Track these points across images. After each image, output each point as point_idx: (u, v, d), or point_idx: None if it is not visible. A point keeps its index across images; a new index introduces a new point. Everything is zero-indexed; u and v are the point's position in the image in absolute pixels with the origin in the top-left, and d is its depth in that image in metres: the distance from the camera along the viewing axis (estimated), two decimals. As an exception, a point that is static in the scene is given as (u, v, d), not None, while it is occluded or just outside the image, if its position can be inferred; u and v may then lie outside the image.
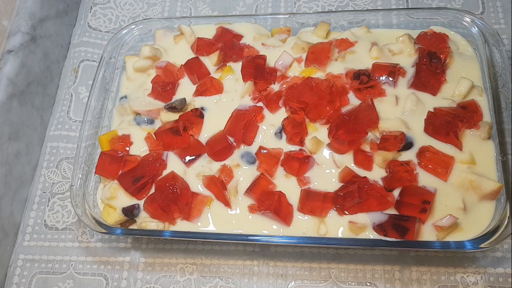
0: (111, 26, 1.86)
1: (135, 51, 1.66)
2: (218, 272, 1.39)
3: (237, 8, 1.81)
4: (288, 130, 1.37)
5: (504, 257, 1.31)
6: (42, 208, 1.55)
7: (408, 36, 1.45)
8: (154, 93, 1.53)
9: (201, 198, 1.34)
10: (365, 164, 1.30)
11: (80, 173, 1.40)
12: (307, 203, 1.27)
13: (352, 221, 1.25)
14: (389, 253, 1.35)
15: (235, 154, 1.40)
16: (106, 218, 1.36)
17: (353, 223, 1.24)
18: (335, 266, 1.36)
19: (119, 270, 1.43)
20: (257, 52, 1.55)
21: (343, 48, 1.51)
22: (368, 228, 1.24)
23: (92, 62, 1.78)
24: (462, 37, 1.49)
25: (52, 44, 1.76)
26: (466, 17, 1.46)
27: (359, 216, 1.25)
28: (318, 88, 1.35)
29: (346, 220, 1.26)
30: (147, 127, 1.49)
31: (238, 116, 1.41)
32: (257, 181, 1.33)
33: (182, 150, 1.41)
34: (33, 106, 1.63)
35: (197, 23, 1.65)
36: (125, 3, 1.90)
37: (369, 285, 1.33)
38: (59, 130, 1.67)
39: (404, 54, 1.46)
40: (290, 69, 1.50)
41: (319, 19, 1.57)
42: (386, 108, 1.38)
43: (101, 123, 1.51)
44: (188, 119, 1.44)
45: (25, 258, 1.48)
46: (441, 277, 1.31)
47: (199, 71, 1.53)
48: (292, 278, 1.36)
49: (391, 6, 1.73)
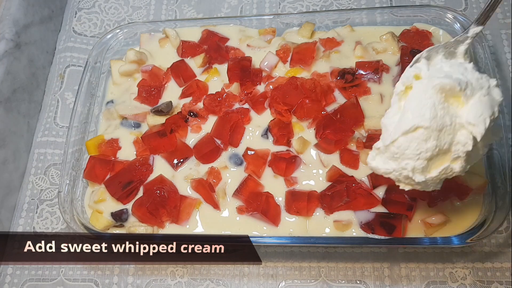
0: (96, 31, 1.85)
1: (120, 55, 1.65)
2: (208, 275, 1.39)
3: (222, 10, 1.81)
4: (274, 132, 1.38)
5: (492, 252, 1.32)
6: (31, 215, 1.55)
7: (392, 34, 1.46)
8: (140, 97, 1.53)
9: (189, 201, 1.35)
10: (352, 163, 1.31)
11: (67, 179, 1.40)
12: (293, 204, 1.28)
13: (337, 219, 1.26)
14: (378, 251, 1.36)
15: (223, 156, 1.40)
16: (95, 224, 1.35)
17: (338, 222, 1.25)
18: (324, 265, 1.36)
19: (109, 275, 1.43)
20: (243, 54, 1.55)
21: (329, 47, 1.51)
22: (353, 225, 1.25)
23: (78, 67, 1.77)
24: (445, 34, 1.49)
25: (37, 50, 1.75)
26: (448, 13, 1.47)
27: (344, 213, 1.26)
28: (303, 87, 1.36)
29: (331, 218, 1.27)
30: (134, 131, 1.49)
31: (224, 118, 1.42)
32: (245, 183, 1.33)
33: (169, 153, 1.41)
34: (19, 113, 1.62)
35: (182, 26, 1.65)
36: (110, 7, 1.90)
37: (359, 283, 1.33)
38: (46, 136, 1.66)
39: (388, 52, 1.46)
40: (275, 69, 1.50)
41: (304, 19, 1.58)
42: (372, 106, 1.39)
43: (88, 128, 1.51)
44: (175, 122, 1.44)
45: (15, 265, 1.47)
46: (430, 273, 1.32)
47: (185, 74, 1.53)
48: (283, 278, 1.36)
49: (375, 4, 1.73)
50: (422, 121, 0.91)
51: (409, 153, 0.94)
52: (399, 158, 0.96)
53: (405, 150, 0.94)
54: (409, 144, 0.94)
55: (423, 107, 0.91)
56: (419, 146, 0.93)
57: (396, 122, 0.95)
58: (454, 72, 0.95)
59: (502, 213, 1.17)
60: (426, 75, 0.96)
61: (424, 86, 0.94)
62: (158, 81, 1.55)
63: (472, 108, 0.92)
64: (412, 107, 0.93)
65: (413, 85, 0.96)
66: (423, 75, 0.96)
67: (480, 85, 0.93)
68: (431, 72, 0.96)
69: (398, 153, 0.95)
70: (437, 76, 0.93)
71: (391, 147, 0.96)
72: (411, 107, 0.94)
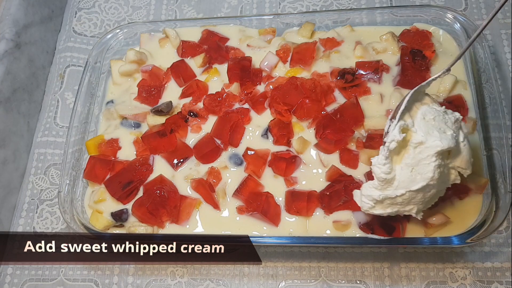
0: (96, 31, 1.85)
1: (120, 55, 1.65)
2: (208, 275, 1.39)
3: (222, 10, 1.81)
4: (274, 132, 1.38)
5: (491, 252, 1.32)
6: (31, 215, 1.55)
7: (392, 34, 1.46)
8: (140, 97, 1.53)
9: (189, 201, 1.35)
10: (351, 163, 1.31)
11: (67, 179, 1.40)
12: (293, 204, 1.28)
13: (336, 220, 1.26)
14: (378, 251, 1.36)
15: (223, 156, 1.40)
16: (95, 224, 1.35)
17: (337, 222, 1.25)
18: (324, 265, 1.36)
19: (109, 275, 1.43)
20: (243, 54, 1.55)
21: (329, 47, 1.51)
22: (353, 226, 1.25)
23: (78, 67, 1.77)
24: (445, 34, 1.49)
25: (37, 50, 1.75)
26: (448, 13, 1.47)
27: (343, 213, 1.26)
28: (303, 87, 1.36)
29: (331, 218, 1.27)
30: (134, 131, 1.49)
31: (224, 118, 1.42)
32: (245, 183, 1.33)
33: (169, 153, 1.41)
34: (19, 113, 1.62)
35: (182, 26, 1.65)
36: (110, 7, 1.90)
37: (359, 282, 1.33)
38: (46, 136, 1.66)
39: (388, 52, 1.46)
40: (275, 69, 1.50)
41: (304, 19, 1.58)
42: (372, 106, 1.39)
43: (88, 128, 1.51)
44: (175, 122, 1.44)
45: (15, 265, 1.48)
46: (430, 273, 1.32)
47: (185, 73, 1.53)
48: (283, 278, 1.36)
49: (375, 4, 1.73)
50: (431, 180, 1.05)
51: (414, 201, 1.09)
52: (402, 204, 1.10)
53: (411, 200, 1.08)
54: (416, 195, 1.07)
55: (429, 170, 1.04)
56: (424, 195, 1.08)
57: (400, 181, 1.07)
58: (439, 124, 1.08)
59: (502, 213, 1.17)
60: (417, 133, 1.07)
61: (424, 149, 1.05)
62: (158, 81, 1.55)
63: (463, 157, 1.09)
64: (419, 169, 1.06)
65: (409, 147, 1.07)
66: (413, 131, 1.08)
67: (456, 127, 1.10)
68: (420, 130, 1.07)
69: (403, 202, 1.09)
70: (432, 140, 1.04)
71: (398, 199, 1.08)
72: (418, 170, 1.06)
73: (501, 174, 1.23)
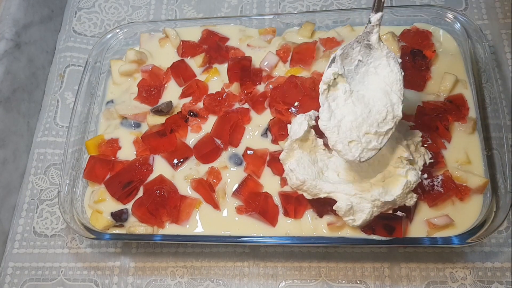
0: (96, 31, 1.85)
1: (120, 55, 1.65)
2: (208, 275, 1.39)
3: (222, 9, 1.81)
4: (274, 131, 1.37)
5: (492, 252, 1.31)
6: (30, 215, 1.55)
7: (392, 34, 1.46)
8: (140, 97, 1.53)
9: (189, 201, 1.34)
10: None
11: (67, 179, 1.40)
12: (285, 206, 1.29)
13: (330, 222, 1.25)
14: (378, 251, 1.35)
15: (223, 156, 1.40)
16: (95, 224, 1.35)
17: (332, 224, 1.25)
18: (325, 265, 1.36)
19: (109, 275, 1.43)
20: (243, 54, 1.55)
21: (329, 47, 1.51)
22: (347, 227, 1.24)
23: (78, 67, 1.77)
24: (445, 34, 1.49)
25: (37, 50, 1.75)
26: (448, 13, 1.47)
27: (335, 216, 1.25)
28: (303, 85, 1.36)
29: (324, 221, 1.26)
30: (134, 131, 1.49)
31: (224, 118, 1.41)
32: (244, 182, 1.33)
33: (169, 153, 1.41)
34: (19, 113, 1.62)
35: (182, 26, 1.65)
36: (110, 7, 1.89)
37: (359, 282, 1.33)
38: (46, 136, 1.66)
39: (389, 52, 1.46)
40: (275, 69, 1.50)
41: (304, 19, 1.58)
42: (371, 106, 1.38)
43: (88, 128, 1.51)
44: (175, 122, 1.44)
45: (15, 265, 1.48)
46: (430, 273, 1.31)
47: (185, 73, 1.53)
48: (283, 278, 1.36)
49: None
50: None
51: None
52: (373, 201, 1.16)
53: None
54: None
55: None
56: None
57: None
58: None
59: (503, 213, 1.17)
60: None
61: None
62: (158, 81, 1.55)
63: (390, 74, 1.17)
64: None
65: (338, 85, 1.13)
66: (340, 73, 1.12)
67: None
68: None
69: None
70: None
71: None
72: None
73: (501, 174, 1.23)
